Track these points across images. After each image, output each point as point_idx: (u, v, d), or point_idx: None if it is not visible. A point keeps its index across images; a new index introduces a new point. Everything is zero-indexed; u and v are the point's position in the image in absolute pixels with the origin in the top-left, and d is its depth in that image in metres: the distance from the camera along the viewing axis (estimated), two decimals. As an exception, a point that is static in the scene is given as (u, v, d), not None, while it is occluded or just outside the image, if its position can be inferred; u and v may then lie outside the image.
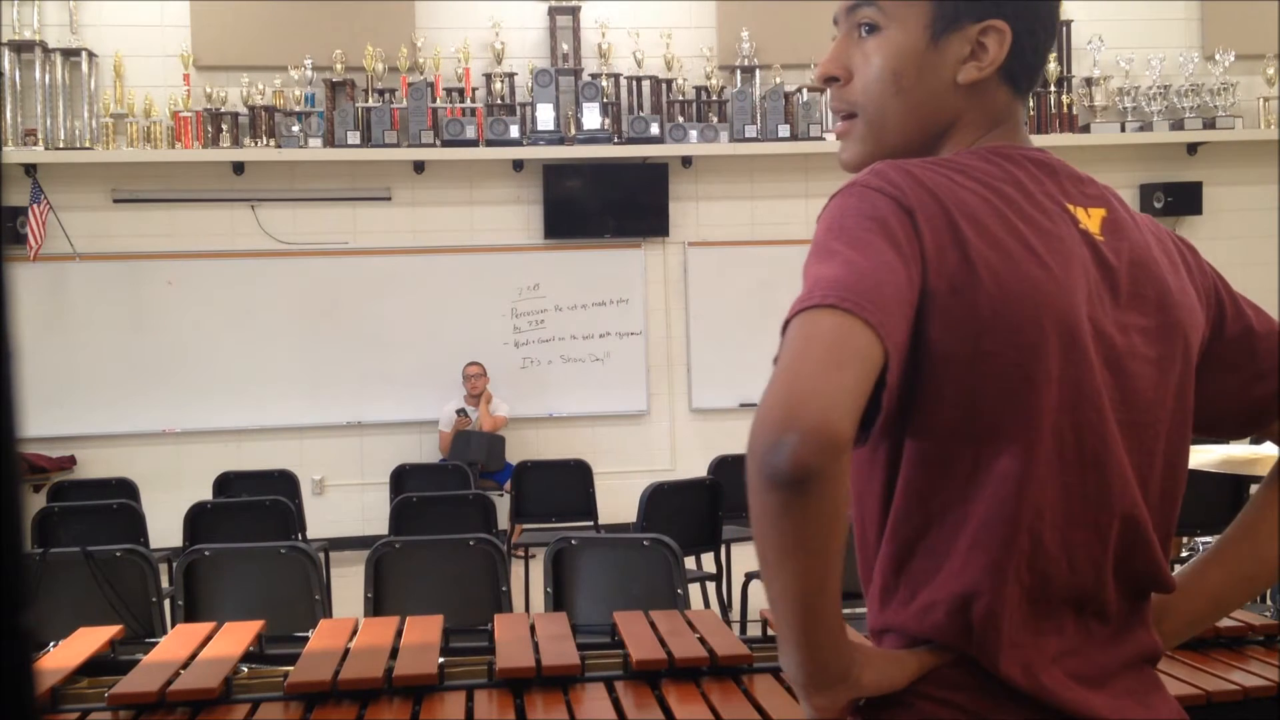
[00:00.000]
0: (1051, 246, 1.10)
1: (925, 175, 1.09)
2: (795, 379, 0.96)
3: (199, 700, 2.18)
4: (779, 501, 0.94)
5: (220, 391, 8.04)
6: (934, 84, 1.16)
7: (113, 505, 5.10)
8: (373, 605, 3.51)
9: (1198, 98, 8.71)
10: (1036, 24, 1.17)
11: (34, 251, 7.53)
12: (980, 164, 1.13)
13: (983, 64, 1.15)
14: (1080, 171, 1.20)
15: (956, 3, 1.15)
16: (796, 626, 1.00)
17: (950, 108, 1.17)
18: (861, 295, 0.98)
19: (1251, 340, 1.23)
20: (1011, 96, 1.19)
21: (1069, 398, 1.08)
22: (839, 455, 0.94)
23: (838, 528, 0.97)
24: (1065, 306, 1.08)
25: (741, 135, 8.33)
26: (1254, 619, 2.59)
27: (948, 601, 1.08)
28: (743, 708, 2.16)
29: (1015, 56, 1.16)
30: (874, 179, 1.08)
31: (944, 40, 1.15)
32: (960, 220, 1.06)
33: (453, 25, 8.33)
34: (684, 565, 3.50)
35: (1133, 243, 1.17)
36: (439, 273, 8.27)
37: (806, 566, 0.97)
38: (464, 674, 2.32)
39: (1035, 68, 1.19)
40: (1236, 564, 1.26)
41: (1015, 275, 1.06)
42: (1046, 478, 1.08)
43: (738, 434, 7.80)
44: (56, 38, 7.94)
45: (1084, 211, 1.15)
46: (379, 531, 5.21)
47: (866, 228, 1.04)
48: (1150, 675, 1.17)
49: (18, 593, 0.49)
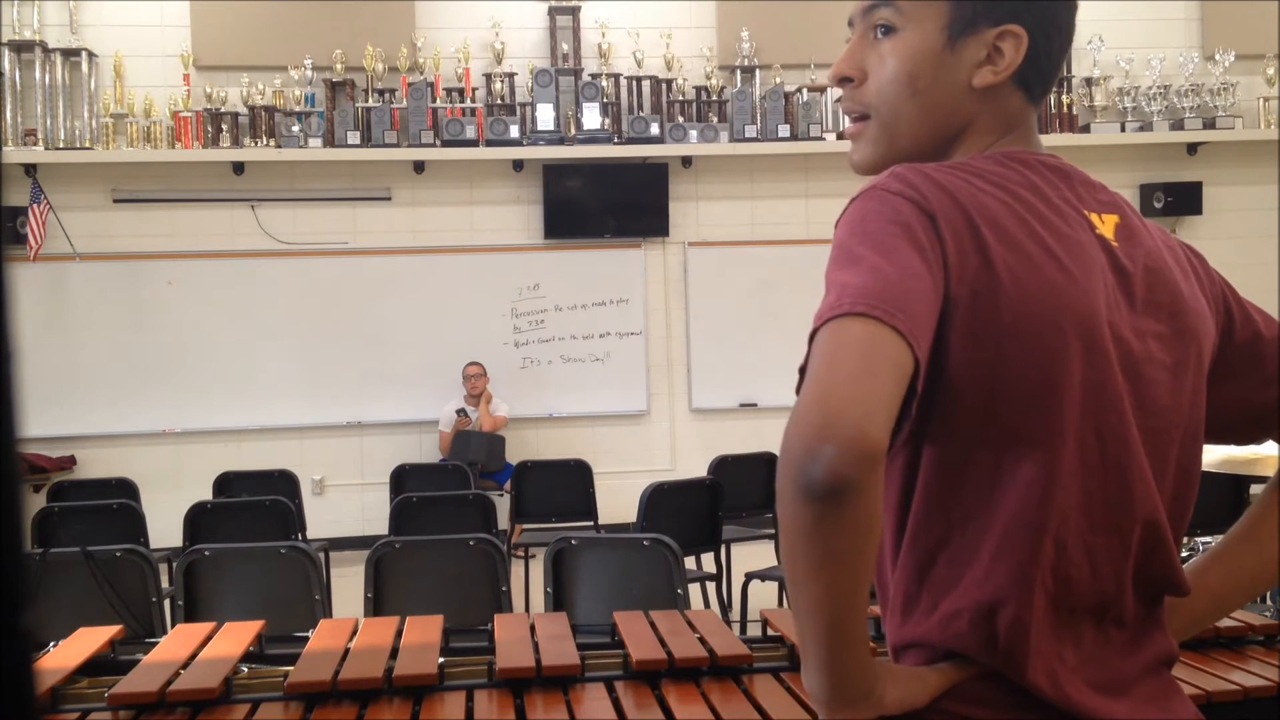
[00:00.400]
0: (1071, 251, 1.09)
1: (945, 179, 1.08)
2: (830, 388, 0.94)
3: (199, 700, 2.18)
4: (814, 513, 0.93)
5: (220, 391, 8.03)
6: (949, 87, 1.16)
7: (113, 505, 5.10)
8: (373, 605, 3.51)
9: (1198, 98, 8.71)
10: (1053, 30, 1.16)
11: (34, 251, 7.53)
12: (997, 168, 1.12)
13: (998, 68, 1.15)
14: (1093, 178, 1.20)
15: (975, 5, 1.14)
16: (823, 642, 0.98)
17: (964, 111, 1.17)
18: (891, 302, 0.97)
19: (1259, 346, 1.23)
20: (1025, 102, 1.18)
21: (1091, 402, 1.08)
22: (876, 465, 0.93)
23: (871, 540, 0.96)
24: (1086, 311, 1.07)
25: (741, 135, 8.33)
26: (1254, 619, 2.59)
27: (971, 610, 1.07)
28: (743, 708, 2.16)
29: (1030, 62, 1.16)
30: (894, 182, 1.07)
31: (960, 43, 1.14)
32: (981, 224, 1.06)
33: (453, 25, 8.33)
34: (684, 565, 3.49)
35: (1146, 249, 1.17)
36: (439, 273, 8.27)
37: (837, 580, 0.95)
38: (464, 674, 2.32)
39: (1049, 74, 1.18)
40: (1238, 564, 1.26)
41: (1036, 279, 1.06)
42: (1070, 483, 1.07)
43: (738, 434, 7.79)
44: (56, 38, 7.94)
45: (1098, 217, 1.15)
46: (379, 531, 5.21)
47: (891, 232, 1.03)
48: (1168, 680, 1.17)
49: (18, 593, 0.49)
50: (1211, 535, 3.37)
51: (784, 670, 2.34)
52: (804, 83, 8.48)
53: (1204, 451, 1.21)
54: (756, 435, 7.85)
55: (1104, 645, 1.12)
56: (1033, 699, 1.07)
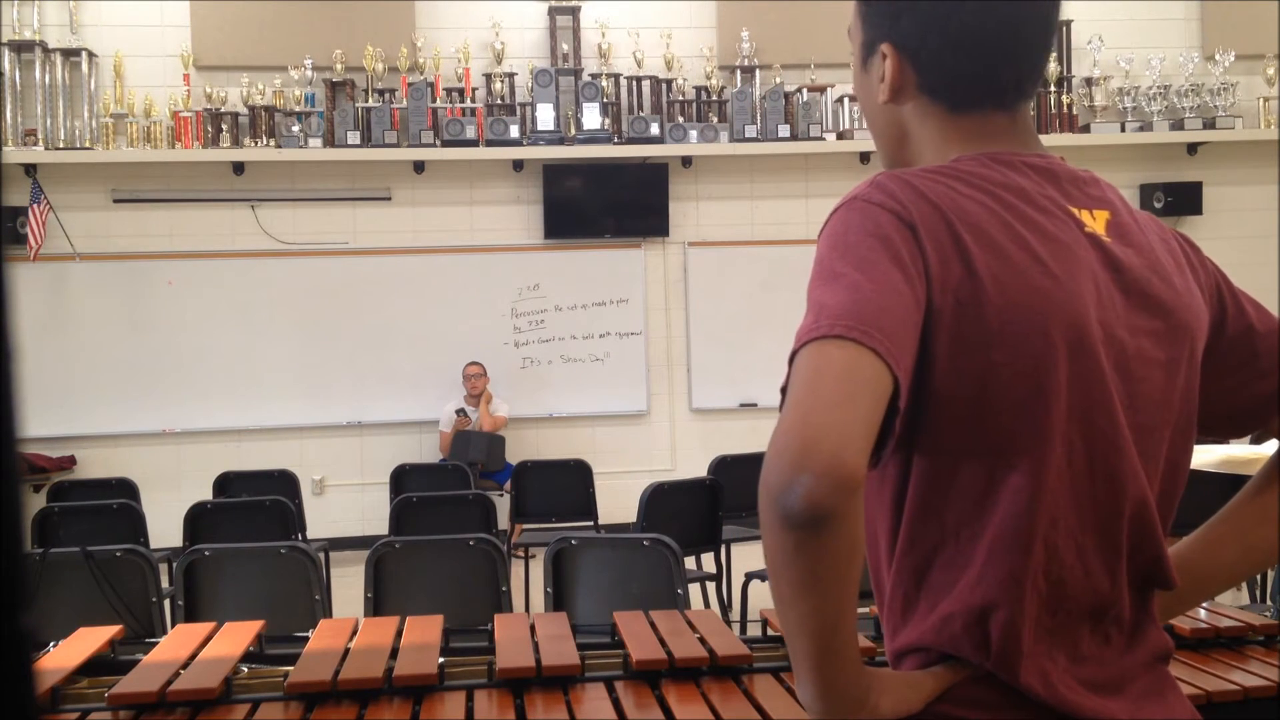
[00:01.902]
0: (1056, 253, 1.09)
1: (926, 185, 1.08)
2: (807, 415, 0.95)
3: (199, 700, 2.18)
4: (794, 541, 0.94)
5: (220, 391, 8.04)
6: (870, 106, 1.22)
7: (113, 505, 5.10)
8: (373, 605, 3.51)
9: (1198, 98, 8.70)
10: (933, 32, 1.15)
11: (34, 251, 7.53)
12: (980, 170, 1.12)
13: (884, 85, 1.19)
14: (1081, 171, 1.20)
15: (871, 29, 1.20)
16: (813, 658, 1.00)
17: (895, 125, 1.21)
18: (869, 323, 0.98)
19: (1252, 339, 1.23)
20: (949, 110, 1.17)
21: (1079, 405, 1.08)
22: (853, 493, 0.94)
23: (854, 564, 0.97)
24: (1072, 314, 1.07)
25: (741, 135, 8.32)
26: (1254, 619, 2.59)
27: (964, 613, 1.08)
28: (743, 708, 2.16)
29: (924, 72, 1.17)
30: (875, 192, 1.08)
31: (869, 65, 1.21)
32: (963, 231, 1.06)
33: (453, 25, 8.33)
34: (684, 565, 3.50)
35: (1139, 245, 1.16)
36: (439, 273, 8.27)
37: (822, 602, 0.97)
38: (464, 674, 2.32)
39: (963, 76, 1.16)
40: (1220, 549, 1.26)
41: (1021, 285, 1.06)
42: (1058, 486, 1.07)
43: (738, 434, 7.80)
44: (56, 38, 7.94)
45: (1089, 214, 1.15)
46: (379, 531, 5.21)
47: (870, 246, 1.03)
48: (1164, 675, 1.17)
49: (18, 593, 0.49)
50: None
51: (784, 670, 2.34)
52: (804, 83, 8.48)
53: (1204, 451, 1.21)
54: (756, 435, 7.85)
55: (1103, 645, 1.12)
56: (1027, 700, 1.07)
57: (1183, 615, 2.61)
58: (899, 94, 1.18)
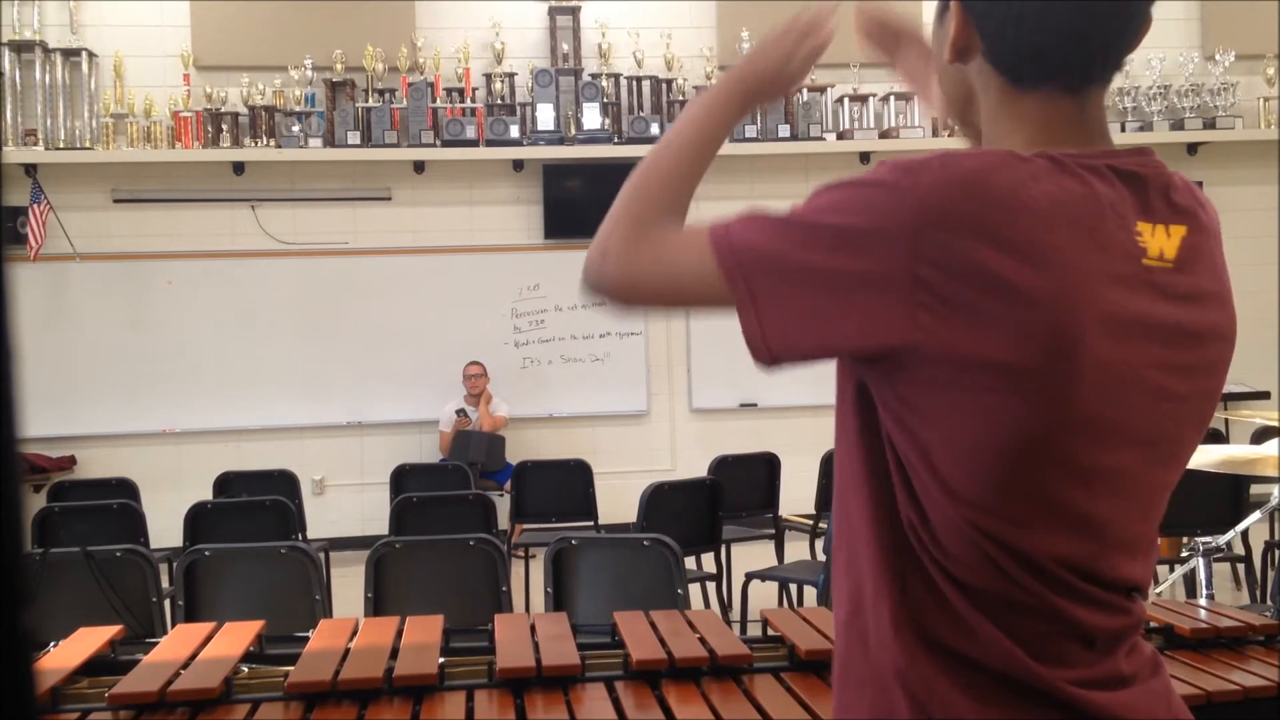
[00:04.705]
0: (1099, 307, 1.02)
1: (981, 211, 1.00)
2: (640, 263, 1.20)
3: (199, 700, 2.18)
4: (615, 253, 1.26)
5: (220, 391, 8.04)
6: (939, 60, 1.20)
7: (113, 505, 5.10)
8: (373, 605, 3.51)
9: (1198, 98, 8.71)
10: (999, 4, 1.09)
11: (34, 251, 7.53)
12: (1050, 189, 1.02)
13: (948, 44, 1.16)
14: (1177, 178, 1.11)
15: None
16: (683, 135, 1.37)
17: (961, 84, 1.18)
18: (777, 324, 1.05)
19: None
20: (1010, 83, 1.12)
21: (1089, 443, 1.05)
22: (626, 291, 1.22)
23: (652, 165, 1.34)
24: (1097, 380, 1.02)
25: (741, 135, 8.32)
26: (1254, 619, 2.59)
27: None
28: (743, 708, 2.16)
29: (989, 39, 1.12)
30: (933, 197, 1.01)
31: (944, 19, 1.18)
32: (989, 280, 0.99)
33: (453, 25, 8.34)
34: (684, 565, 3.50)
35: (1199, 273, 1.10)
36: (439, 273, 8.27)
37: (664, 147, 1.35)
38: (464, 674, 2.32)
39: (1023, 49, 1.09)
40: None
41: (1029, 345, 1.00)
42: (1064, 528, 1.07)
43: (738, 434, 7.78)
44: (56, 38, 7.94)
45: (1163, 230, 1.07)
46: (379, 531, 5.21)
47: (863, 246, 1.02)
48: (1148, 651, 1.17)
49: (18, 593, 0.49)
50: (1211, 535, 3.37)
51: (784, 670, 2.34)
52: (804, 82, 8.47)
53: (1204, 452, 1.21)
54: (756, 435, 7.86)
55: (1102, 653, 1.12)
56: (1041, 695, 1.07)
57: (1183, 615, 2.61)
58: (963, 54, 1.14)
